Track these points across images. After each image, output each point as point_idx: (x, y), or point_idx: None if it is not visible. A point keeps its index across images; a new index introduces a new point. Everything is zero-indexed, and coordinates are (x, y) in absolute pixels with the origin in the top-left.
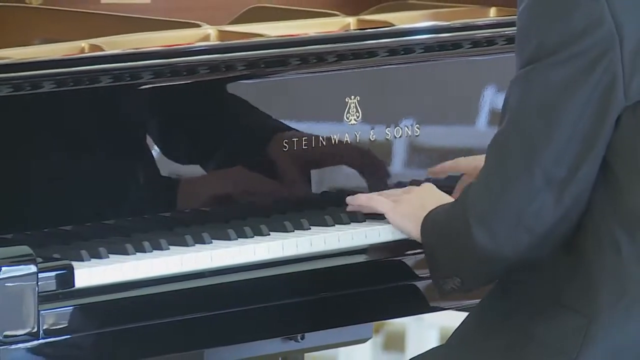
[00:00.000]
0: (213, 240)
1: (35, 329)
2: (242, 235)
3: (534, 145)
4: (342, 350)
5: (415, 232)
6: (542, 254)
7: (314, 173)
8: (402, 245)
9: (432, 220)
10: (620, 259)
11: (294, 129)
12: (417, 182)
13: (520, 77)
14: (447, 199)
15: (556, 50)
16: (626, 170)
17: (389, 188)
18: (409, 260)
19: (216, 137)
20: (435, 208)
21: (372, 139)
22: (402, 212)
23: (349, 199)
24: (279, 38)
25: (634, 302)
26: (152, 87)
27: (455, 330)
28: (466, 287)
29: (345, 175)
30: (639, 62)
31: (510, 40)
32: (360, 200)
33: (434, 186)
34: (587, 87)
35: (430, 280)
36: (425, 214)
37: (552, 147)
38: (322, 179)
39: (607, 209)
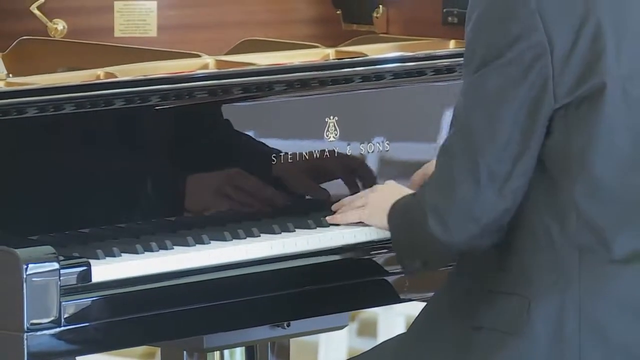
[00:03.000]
0: (211, 241)
1: (58, 318)
2: (236, 236)
3: (478, 145)
4: (323, 335)
5: (386, 225)
6: (489, 241)
7: (298, 183)
8: (374, 245)
9: (395, 210)
10: (553, 246)
11: (281, 144)
12: None
13: (466, 86)
14: (408, 192)
15: (496, 57)
16: (557, 167)
17: None
18: (380, 259)
19: (214, 152)
20: (399, 199)
21: (348, 154)
22: (371, 213)
23: (329, 219)
24: (268, 66)
25: (568, 283)
26: (159, 108)
27: (415, 319)
28: (428, 268)
29: (325, 184)
30: (567, 67)
31: None
32: (337, 220)
33: (396, 183)
34: (523, 88)
35: (398, 275)
36: None
37: (495, 146)
38: (306, 188)
39: (541, 202)
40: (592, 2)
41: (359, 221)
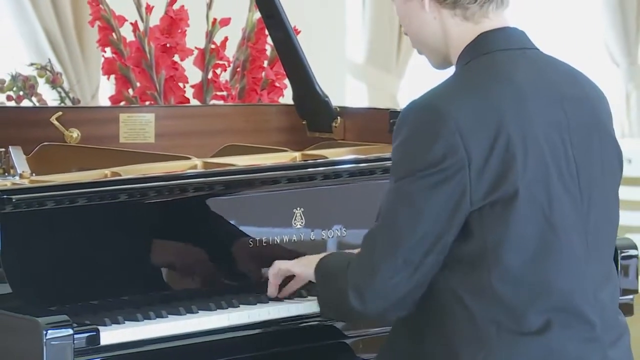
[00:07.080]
0: (199, 311)
1: None
2: (220, 307)
3: (398, 238)
4: None
5: (312, 273)
6: (400, 312)
7: (271, 262)
8: None
9: (323, 266)
10: (473, 321)
11: (256, 231)
12: None
13: (393, 188)
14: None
15: (422, 169)
16: (474, 258)
17: None
18: (339, 324)
19: (201, 237)
20: (328, 255)
21: (312, 239)
22: (301, 264)
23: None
24: (246, 167)
25: (488, 353)
26: (156, 201)
27: None
28: (340, 321)
29: None
30: (482, 177)
31: None
32: (271, 277)
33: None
34: (443, 195)
35: (355, 338)
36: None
37: (412, 240)
38: None
39: (460, 283)
40: (503, 118)
41: (288, 270)
